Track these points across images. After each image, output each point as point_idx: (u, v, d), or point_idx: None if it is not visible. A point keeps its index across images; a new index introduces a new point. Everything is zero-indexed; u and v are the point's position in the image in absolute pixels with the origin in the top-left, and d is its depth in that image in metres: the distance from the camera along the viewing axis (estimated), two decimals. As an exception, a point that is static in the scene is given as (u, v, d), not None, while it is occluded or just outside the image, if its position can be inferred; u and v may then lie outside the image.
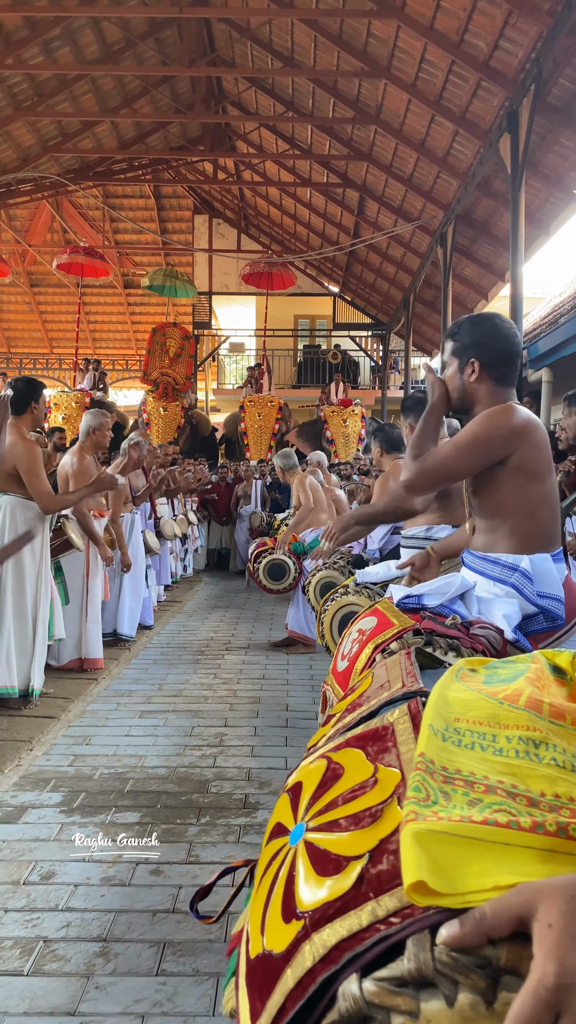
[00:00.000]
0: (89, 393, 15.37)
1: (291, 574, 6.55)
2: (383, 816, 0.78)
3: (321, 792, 0.87)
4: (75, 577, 5.44)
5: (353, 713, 1.07)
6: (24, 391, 4.55)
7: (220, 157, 17.32)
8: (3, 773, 3.58)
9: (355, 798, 0.82)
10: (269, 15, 11.05)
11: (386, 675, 1.17)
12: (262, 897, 0.83)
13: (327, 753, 0.94)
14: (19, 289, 21.73)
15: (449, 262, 11.92)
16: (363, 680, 1.23)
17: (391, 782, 0.82)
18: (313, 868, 0.77)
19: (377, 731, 0.93)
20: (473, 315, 2.32)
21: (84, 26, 11.88)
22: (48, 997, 2.08)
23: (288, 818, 0.90)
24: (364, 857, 0.74)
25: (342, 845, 0.77)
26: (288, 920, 0.75)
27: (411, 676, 1.11)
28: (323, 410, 15.85)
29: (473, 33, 8.44)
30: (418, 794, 0.75)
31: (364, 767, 0.87)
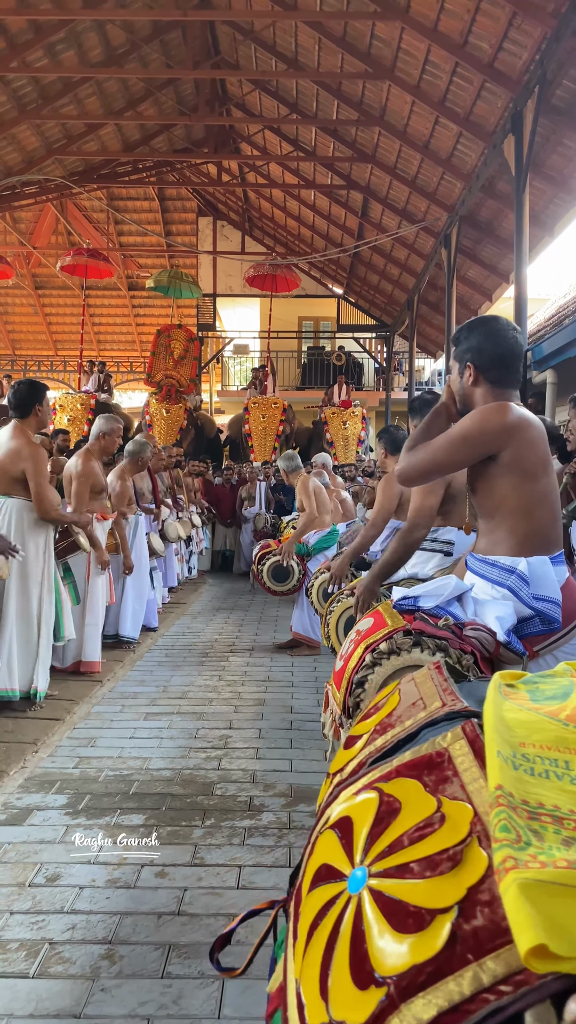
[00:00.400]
0: (94, 395, 15.41)
1: (295, 576, 6.54)
2: (465, 860, 0.68)
3: (379, 830, 0.77)
4: (81, 578, 5.45)
5: (385, 735, 0.97)
6: (27, 394, 4.55)
7: (224, 159, 17.35)
8: (8, 775, 3.59)
9: (423, 837, 0.72)
10: (273, 17, 11.06)
11: (417, 691, 1.06)
12: (317, 954, 0.72)
13: (376, 784, 0.84)
14: (24, 291, 21.79)
15: (453, 263, 11.91)
16: (389, 698, 1.12)
17: (462, 818, 0.72)
18: (388, 922, 0.66)
19: (431, 758, 0.83)
20: (471, 320, 2.34)
21: (89, 29, 11.91)
22: (54, 999, 2.08)
23: (340, 860, 0.79)
24: (453, 910, 0.64)
25: (420, 894, 0.67)
26: (364, 986, 0.64)
27: (450, 694, 1.00)
28: (324, 411, 15.86)
29: (477, 35, 8.44)
30: (508, 835, 0.65)
31: (425, 800, 0.77)
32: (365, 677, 2.03)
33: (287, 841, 3.05)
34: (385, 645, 2.05)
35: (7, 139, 13.57)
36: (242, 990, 2.14)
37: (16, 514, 4.46)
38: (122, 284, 21.60)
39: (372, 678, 2.02)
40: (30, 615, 4.49)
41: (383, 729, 1.00)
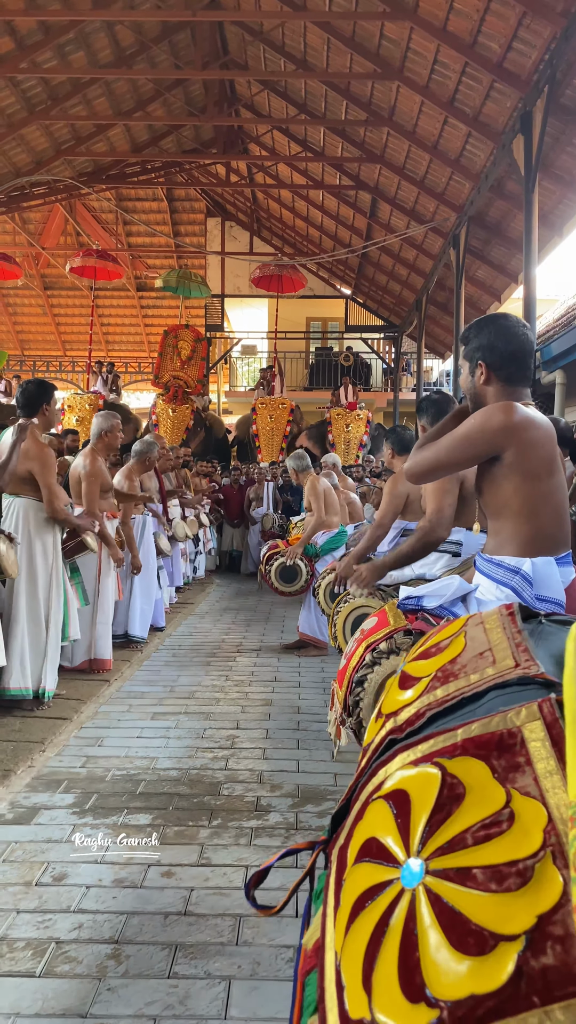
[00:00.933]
0: (103, 395, 15.43)
1: (303, 576, 6.54)
2: (537, 879, 0.60)
3: (440, 818, 0.70)
4: (88, 578, 5.45)
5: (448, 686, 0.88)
6: (35, 393, 4.56)
7: (233, 160, 17.36)
8: (16, 774, 3.59)
9: (489, 838, 0.66)
10: (282, 18, 11.06)
11: (486, 640, 0.95)
12: (362, 939, 0.67)
13: (437, 759, 0.77)
14: (33, 292, 21.84)
15: (462, 264, 11.89)
16: (454, 640, 1.01)
17: (535, 823, 0.65)
18: (445, 935, 0.61)
19: (502, 737, 0.75)
20: (481, 318, 2.33)
21: (98, 30, 11.94)
22: (60, 998, 2.08)
23: (393, 837, 0.73)
24: (521, 940, 0.58)
25: (484, 911, 0.60)
26: (414, 1000, 0.59)
27: (523, 651, 0.89)
28: (329, 412, 15.84)
29: (486, 35, 8.42)
30: None
31: (492, 790, 0.70)
32: (364, 676, 2.04)
33: (294, 842, 3.04)
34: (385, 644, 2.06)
35: (16, 140, 13.61)
36: (249, 991, 2.13)
37: (24, 513, 4.47)
38: (131, 285, 21.63)
39: (371, 677, 2.02)
40: (38, 614, 4.50)
41: (445, 677, 0.92)
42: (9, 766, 3.63)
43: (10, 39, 11.00)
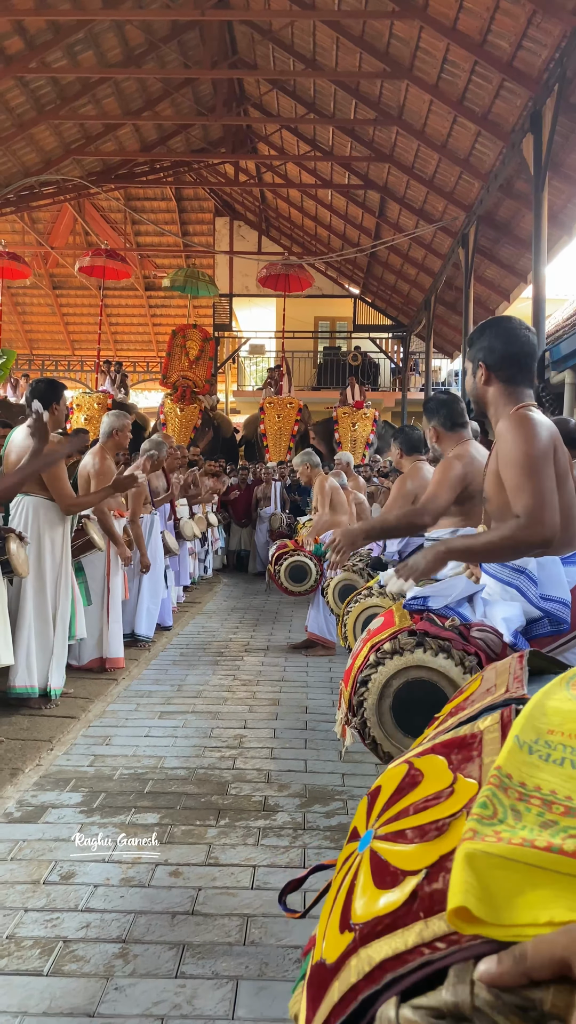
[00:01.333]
0: (111, 395, 15.46)
1: (312, 576, 6.53)
2: (449, 830, 0.72)
3: (396, 799, 0.82)
4: (96, 577, 5.46)
5: (454, 717, 1.01)
6: (45, 392, 4.56)
7: (241, 159, 17.37)
8: (24, 773, 3.59)
9: (427, 808, 0.77)
10: (291, 17, 11.06)
11: (494, 678, 1.09)
12: (329, 903, 0.80)
13: (411, 758, 0.89)
14: (41, 291, 21.90)
15: (471, 263, 11.86)
16: (472, 683, 1.16)
17: (466, 794, 0.76)
18: (372, 879, 0.73)
19: (464, 739, 0.87)
20: (486, 320, 2.35)
21: (107, 29, 11.96)
22: (67, 997, 2.08)
23: (362, 823, 0.86)
24: (421, 873, 0.69)
25: (403, 858, 0.72)
26: (343, 931, 0.71)
27: (517, 681, 1.02)
28: (336, 411, 15.83)
29: (496, 33, 8.40)
30: (484, 811, 0.69)
31: (444, 776, 0.81)
32: (368, 676, 2.04)
33: (302, 842, 3.04)
34: (389, 645, 2.06)
35: (26, 139, 13.65)
36: (256, 991, 2.13)
37: (33, 511, 4.47)
38: (139, 284, 21.66)
39: (375, 677, 2.02)
40: (46, 613, 4.51)
41: (456, 711, 1.05)
42: (17, 764, 3.64)
43: (20, 39, 11.03)
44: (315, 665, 6.30)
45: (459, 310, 14.29)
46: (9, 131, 12.92)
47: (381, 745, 2.03)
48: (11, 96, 12.33)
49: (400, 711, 2.01)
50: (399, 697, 2.01)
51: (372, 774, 3.75)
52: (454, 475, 3.15)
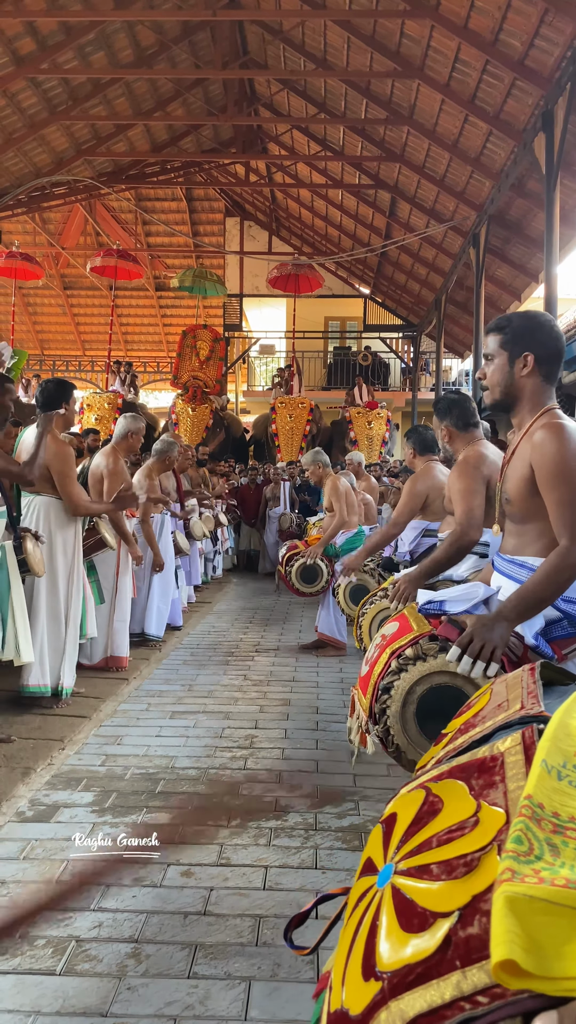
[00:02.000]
0: (121, 395, 15.49)
1: (323, 577, 6.52)
2: (479, 866, 0.67)
3: (415, 829, 0.78)
4: (106, 576, 5.47)
5: (466, 735, 0.97)
6: (55, 392, 4.58)
7: (252, 159, 17.39)
8: (36, 772, 3.60)
9: (451, 840, 0.72)
10: (302, 16, 11.06)
11: (505, 693, 1.05)
12: (346, 942, 0.75)
13: (427, 783, 0.84)
14: (52, 292, 21.97)
15: (482, 263, 11.83)
16: (481, 697, 1.11)
17: (493, 825, 0.71)
18: (397, 920, 0.68)
19: (484, 762, 0.82)
20: (525, 311, 2.27)
21: (118, 30, 11.98)
22: (80, 997, 2.08)
23: (378, 854, 0.81)
24: (453, 915, 0.64)
25: (431, 897, 0.67)
26: (367, 978, 0.66)
27: (532, 697, 0.98)
28: (349, 411, 15.82)
29: (508, 32, 8.37)
30: (519, 846, 0.64)
31: (466, 803, 0.76)
32: (391, 683, 2.00)
33: (313, 843, 3.03)
34: (411, 651, 2.02)
35: (37, 140, 13.70)
36: (269, 992, 2.12)
37: (44, 511, 4.48)
38: (150, 284, 21.70)
39: (398, 684, 1.99)
40: (58, 612, 4.52)
41: (466, 728, 1.00)
42: (29, 764, 3.65)
43: (32, 40, 11.07)
44: (326, 666, 6.30)
45: (470, 310, 14.26)
46: (21, 132, 12.97)
47: (405, 753, 1.99)
48: (23, 97, 12.38)
49: (424, 717, 1.98)
50: (423, 704, 1.98)
51: (384, 775, 3.74)
52: (477, 480, 3.12)
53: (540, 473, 2.07)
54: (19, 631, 3.88)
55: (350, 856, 2.93)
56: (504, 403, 2.25)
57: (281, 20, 12.00)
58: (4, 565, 3.87)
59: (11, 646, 3.86)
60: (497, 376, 2.23)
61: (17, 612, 3.90)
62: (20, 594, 3.96)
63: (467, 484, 3.14)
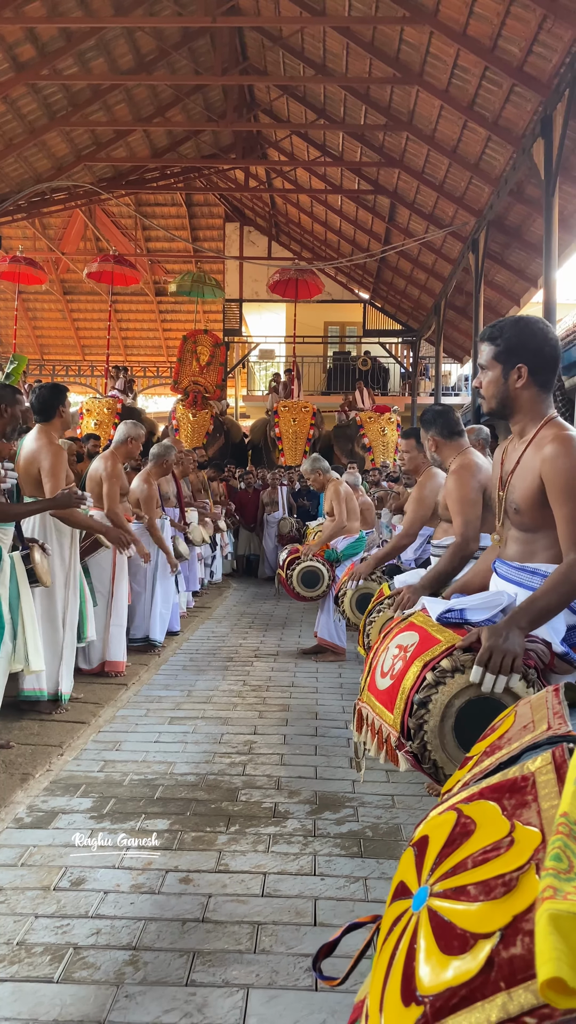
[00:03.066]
0: (120, 399, 15.51)
1: (325, 581, 6.52)
2: (519, 886, 0.67)
3: (449, 850, 0.77)
4: (102, 580, 5.47)
5: (492, 757, 0.96)
6: (49, 397, 4.59)
7: (251, 165, 17.42)
8: (34, 778, 3.59)
9: (487, 860, 0.72)
10: (301, 23, 11.09)
11: (530, 714, 1.04)
12: (382, 968, 0.74)
13: (458, 804, 0.84)
14: (52, 297, 21.99)
15: (481, 268, 11.85)
16: (505, 719, 1.11)
17: (530, 844, 0.71)
18: (436, 943, 0.67)
19: (515, 782, 0.82)
20: (516, 317, 2.24)
21: (118, 36, 12.02)
22: (78, 1005, 2.07)
23: (412, 878, 0.80)
24: (495, 936, 0.63)
25: (470, 918, 0.67)
26: (407, 1003, 0.65)
27: (558, 717, 0.97)
28: (359, 416, 15.81)
29: (506, 39, 8.39)
30: (559, 864, 0.63)
31: (499, 824, 0.76)
32: (429, 697, 1.89)
33: (312, 849, 3.02)
34: (447, 662, 1.94)
35: (38, 146, 13.72)
36: (267, 1000, 2.11)
37: (41, 516, 4.47)
38: (149, 289, 21.72)
39: (436, 698, 1.89)
40: (55, 616, 4.51)
41: (492, 751, 1.00)
42: (28, 769, 3.64)
43: (32, 46, 11.10)
44: (325, 671, 6.29)
45: (469, 315, 14.28)
46: (21, 137, 13.00)
47: (443, 768, 1.90)
48: (23, 103, 12.40)
49: (461, 731, 1.90)
50: (460, 717, 1.91)
51: (383, 781, 3.74)
52: (473, 488, 3.14)
53: (551, 487, 2.06)
54: (28, 641, 3.91)
55: (349, 863, 2.92)
56: (501, 413, 2.26)
57: (281, 27, 12.04)
58: (14, 576, 3.88)
59: (21, 656, 3.88)
60: (492, 388, 2.22)
61: (27, 622, 3.92)
62: (30, 604, 3.99)
63: (464, 494, 3.16)
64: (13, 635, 3.85)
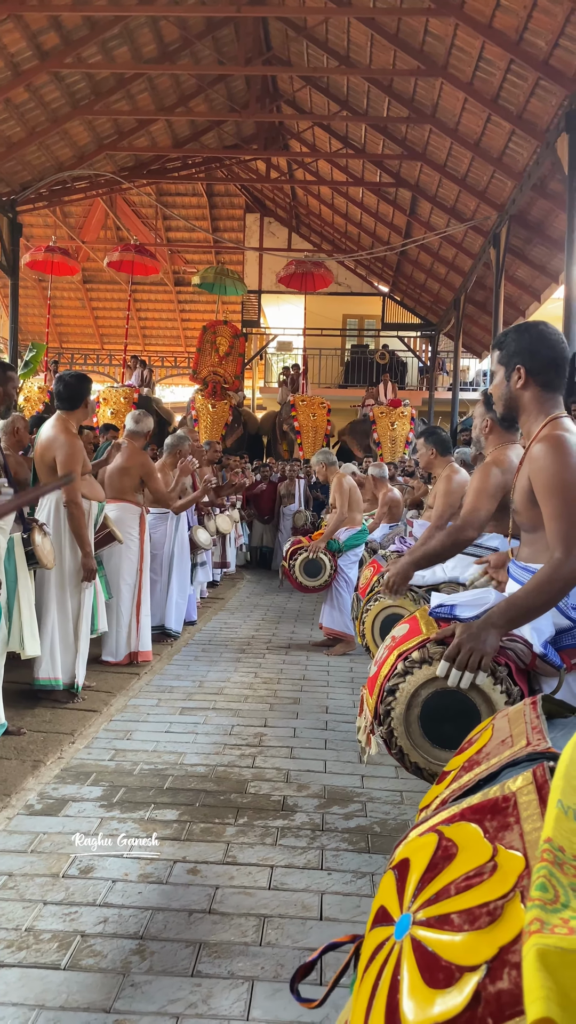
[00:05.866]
0: (137, 389, 15.54)
1: (327, 571, 6.58)
2: (503, 916, 0.65)
3: (431, 875, 0.75)
4: (130, 571, 5.51)
5: (470, 773, 0.94)
6: (76, 386, 4.56)
7: (273, 156, 17.35)
8: (45, 765, 3.62)
9: (470, 887, 0.70)
10: (326, 14, 11.01)
11: (508, 728, 1.02)
12: (364, 997, 0.72)
13: (438, 826, 0.82)
14: (72, 285, 22.03)
15: (502, 263, 11.76)
16: (482, 733, 1.09)
17: (513, 870, 0.69)
18: (421, 975, 0.66)
19: (496, 803, 0.80)
20: (519, 324, 2.31)
21: (142, 25, 11.98)
22: (84, 992, 2.09)
23: (393, 903, 0.78)
24: (481, 969, 0.62)
25: (455, 950, 0.65)
26: None
27: (537, 732, 0.95)
28: (372, 410, 15.77)
29: (533, 31, 8.31)
30: (544, 894, 0.61)
31: (481, 847, 0.74)
32: (396, 685, 2.02)
33: (320, 843, 3.03)
34: (417, 654, 2.03)
35: (60, 134, 13.72)
36: (272, 993, 2.13)
37: (55, 506, 4.49)
38: (168, 280, 21.72)
39: (403, 687, 2.00)
40: (66, 607, 4.52)
41: (470, 766, 0.98)
42: (39, 757, 3.67)
43: (56, 34, 11.09)
44: (336, 665, 6.30)
45: (489, 310, 14.18)
46: (43, 126, 13.00)
47: (408, 755, 2.01)
48: (46, 91, 12.40)
49: (428, 721, 1.99)
50: (427, 707, 1.99)
51: (392, 776, 3.74)
52: (494, 484, 3.11)
53: (536, 487, 2.09)
54: (24, 624, 3.86)
55: (356, 858, 2.93)
56: (509, 415, 2.32)
57: (305, 17, 11.95)
58: (12, 556, 3.85)
59: (16, 639, 3.85)
60: (498, 391, 2.31)
61: (23, 605, 3.87)
62: (28, 587, 3.93)
63: (483, 485, 3.14)
64: (9, 618, 3.81)
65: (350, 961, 0.92)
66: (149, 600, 5.73)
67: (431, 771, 2.00)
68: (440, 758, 1.97)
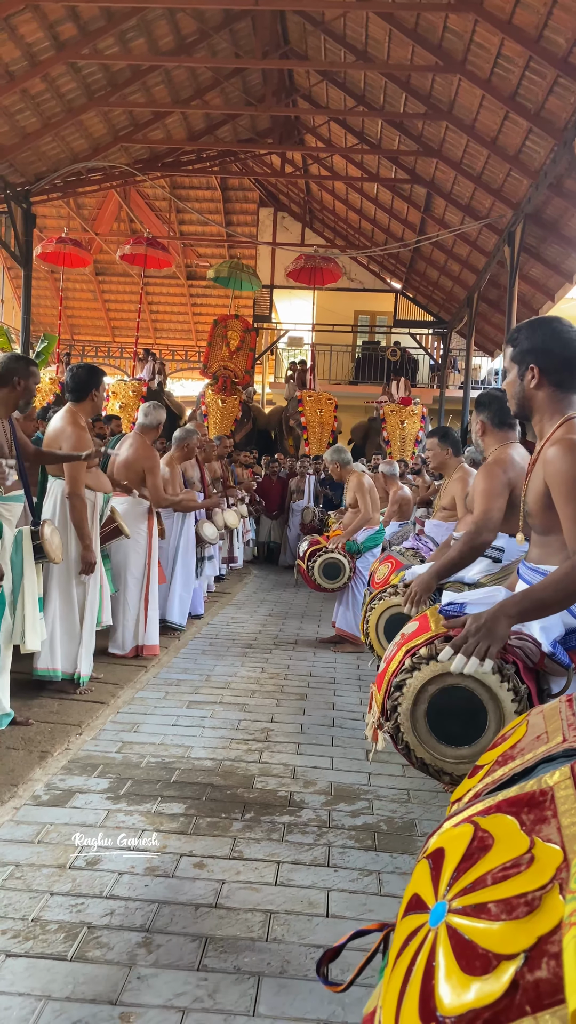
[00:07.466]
0: (147, 383, 15.53)
1: (346, 573, 6.52)
2: (542, 906, 0.65)
3: (467, 865, 0.76)
4: (138, 564, 5.51)
5: (505, 767, 0.95)
6: (86, 378, 4.56)
7: (288, 150, 17.29)
8: (52, 756, 3.63)
9: (507, 878, 0.71)
10: (344, 8, 10.96)
11: (543, 724, 1.03)
12: (397, 983, 0.73)
13: (474, 817, 0.83)
14: (84, 277, 22.03)
15: (516, 262, 11.70)
16: (516, 728, 1.10)
17: (551, 863, 0.69)
18: (457, 962, 0.66)
19: (533, 796, 0.81)
20: (532, 320, 2.26)
21: (160, 17, 11.95)
22: (90, 984, 2.09)
23: (427, 891, 0.79)
24: (519, 958, 0.62)
25: (492, 938, 0.65)
26: (427, 1022, 0.64)
27: (573, 729, 0.97)
28: (382, 408, 15.72)
29: (553, 28, 8.25)
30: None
31: (518, 839, 0.75)
32: (403, 681, 2.02)
33: (326, 840, 3.03)
34: (425, 650, 2.03)
35: (75, 125, 13.70)
36: (278, 989, 2.12)
37: (62, 497, 4.49)
38: (181, 273, 21.70)
39: (410, 682, 2.01)
40: (71, 597, 4.52)
41: (504, 760, 0.99)
42: (46, 748, 3.67)
43: (73, 25, 11.07)
44: (343, 661, 6.29)
45: (502, 308, 14.12)
46: (59, 117, 12.98)
47: (414, 751, 2.02)
48: (62, 82, 12.38)
49: (434, 717, 2.00)
50: (434, 703, 2.00)
51: (399, 775, 3.73)
52: (500, 484, 3.10)
53: (553, 489, 2.08)
54: (27, 618, 3.81)
55: (362, 855, 2.92)
56: (521, 414, 2.30)
57: (323, 11, 11.89)
58: (20, 549, 3.84)
59: (18, 632, 3.82)
60: (511, 389, 2.28)
61: (27, 599, 3.83)
62: (33, 580, 3.89)
63: (490, 486, 3.12)
64: (13, 610, 3.79)
65: (378, 948, 0.92)
66: (157, 594, 5.72)
67: (436, 767, 2.00)
68: (446, 754, 1.98)
